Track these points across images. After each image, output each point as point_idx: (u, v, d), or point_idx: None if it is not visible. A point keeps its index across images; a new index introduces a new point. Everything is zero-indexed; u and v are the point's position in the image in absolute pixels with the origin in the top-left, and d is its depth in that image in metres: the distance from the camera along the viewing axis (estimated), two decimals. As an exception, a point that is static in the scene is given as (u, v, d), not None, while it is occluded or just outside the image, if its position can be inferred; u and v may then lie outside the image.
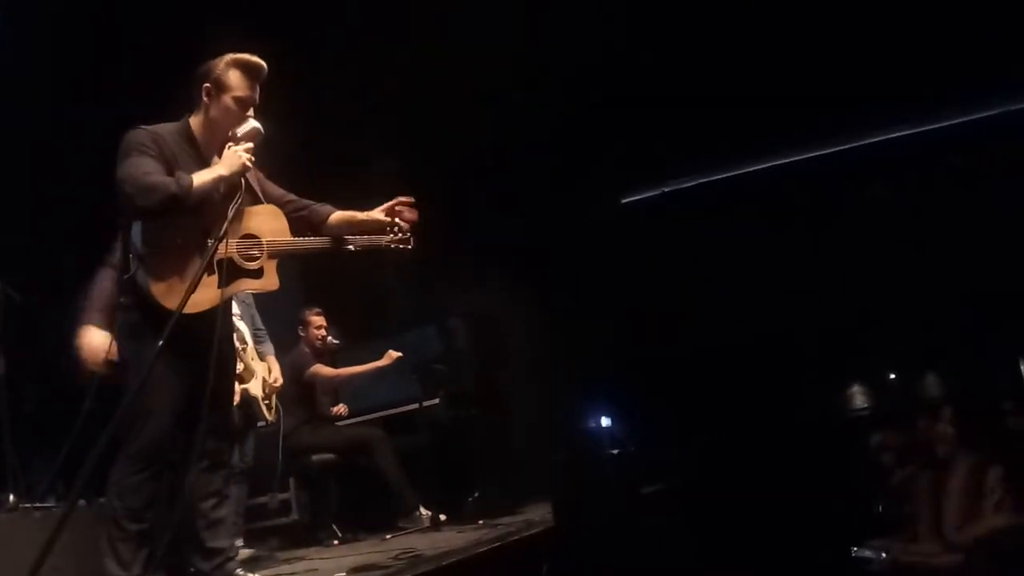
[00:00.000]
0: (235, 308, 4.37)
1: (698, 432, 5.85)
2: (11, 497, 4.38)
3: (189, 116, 3.06)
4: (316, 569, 3.85)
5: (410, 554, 3.71)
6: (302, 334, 5.36)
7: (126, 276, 2.91)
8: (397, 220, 3.27)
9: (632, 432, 5.31)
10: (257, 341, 4.55)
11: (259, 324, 4.61)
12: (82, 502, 4.06)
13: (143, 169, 2.83)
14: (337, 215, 3.24)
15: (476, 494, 5.30)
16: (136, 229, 2.89)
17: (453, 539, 4.32)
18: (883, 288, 6.21)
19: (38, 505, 4.42)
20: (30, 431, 5.02)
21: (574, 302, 6.33)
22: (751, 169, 6.96)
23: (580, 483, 4.54)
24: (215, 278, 2.89)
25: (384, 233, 3.26)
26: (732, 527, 4.78)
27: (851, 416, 6.53)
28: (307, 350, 5.32)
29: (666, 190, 7.19)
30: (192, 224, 2.88)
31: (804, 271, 6.36)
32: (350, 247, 3.26)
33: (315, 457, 5.15)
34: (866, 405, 6.62)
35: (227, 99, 2.98)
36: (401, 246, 3.31)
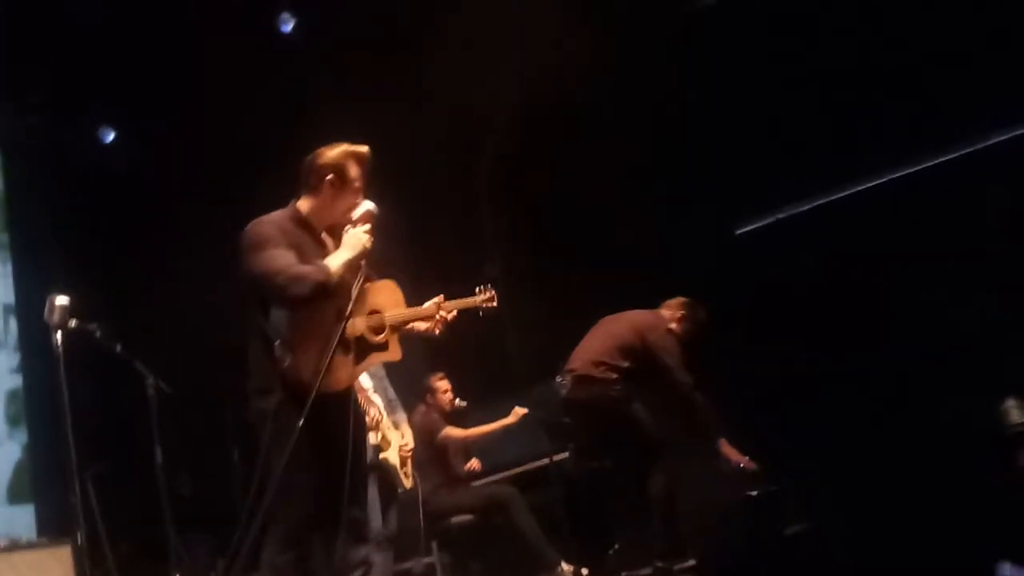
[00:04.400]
0: (368, 382, 4.57)
1: (841, 464, 5.64)
2: (176, 576, 4.65)
3: (295, 201, 3.21)
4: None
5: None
6: (430, 401, 5.51)
7: (273, 363, 2.99)
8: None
9: (769, 471, 5.18)
10: (390, 411, 4.71)
11: (391, 395, 4.77)
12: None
13: (287, 260, 2.99)
14: None
15: (616, 547, 5.26)
16: (279, 317, 3.01)
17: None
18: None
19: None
20: (188, 513, 5.33)
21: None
22: (871, 184, 6.76)
23: (719, 528, 4.45)
24: (351, 356, 3.03)
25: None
26: (883, 564, 4.57)
27: (1008, 433, 6.12)
28: (436, 415, 5.45)
29: (780, 216, 7.05)
30: (329, 307, 3.01)
31: (940, 282, 6.09)
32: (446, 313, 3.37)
33: (454, 519, 5.25)
34: (1022, 421, 6.20)
35: (348, 189, 3.16)
36: (488, 304, 3.55)
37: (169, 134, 6.23)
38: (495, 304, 3.55)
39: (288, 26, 6.16)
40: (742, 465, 4.75)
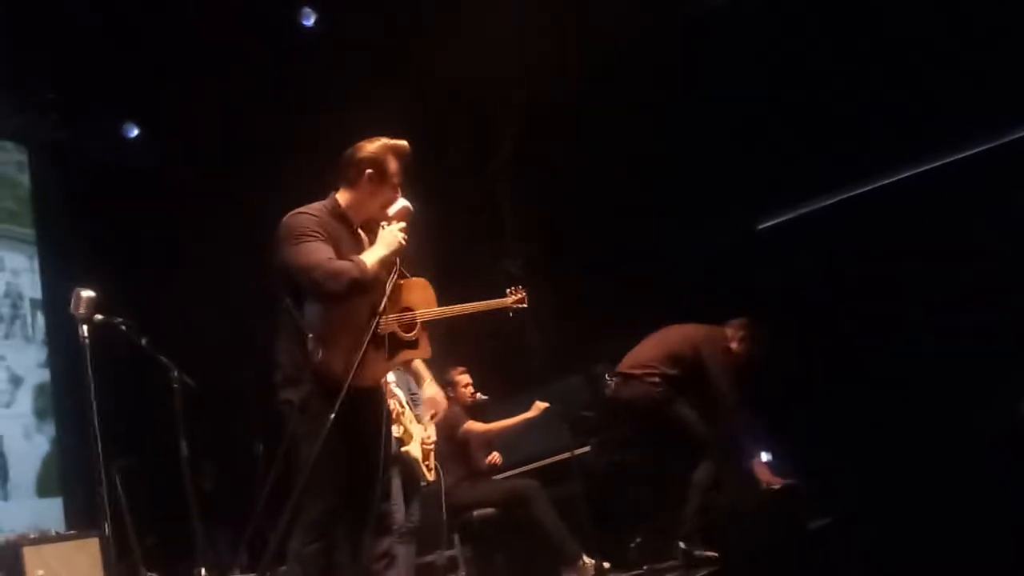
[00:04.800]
0: (390, 376, 4.59)
1: (864, 458, 5.61)
2: (202, 571, 4.68)
3: (335, 193, 3.22)
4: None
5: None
6: (451, 395, 5.51)
7: (304, 358, 3.02)
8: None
9: (792, 464, 5.17)
10: (413, 405, 4.74)
11: (413, 389, 4.79)
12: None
13: (325, 254, 3.01)
14: None
15: (638, 540, 5.27)
16: (313, 311, 3.03)
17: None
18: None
19: (228, 578, 4.72)
20: (212, 507, 5.37)
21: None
22: (892, 180, 6.71)
23: (743, 522, 4.45)
24: (383, 352, 3.06)
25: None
26: (906, 558, 4.55)
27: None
28: (458, 409, 5.47)
29: (803, 211, 7.02)
30: (363, 303, 3.04)
31: (960, 277, 6.04)
32: (477, 311, 3.50)
33: (476, 513, 5.27)
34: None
35: (387, 184, 3.19)
36: (519, 305, 3.63)
37: (192, 130, 6.28)
38: (526, 305, 3.60)
39: (310, 20, 6.20)
40: (774, 486, 4.84)
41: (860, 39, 6.03)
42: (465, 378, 5.54)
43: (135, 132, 6.50)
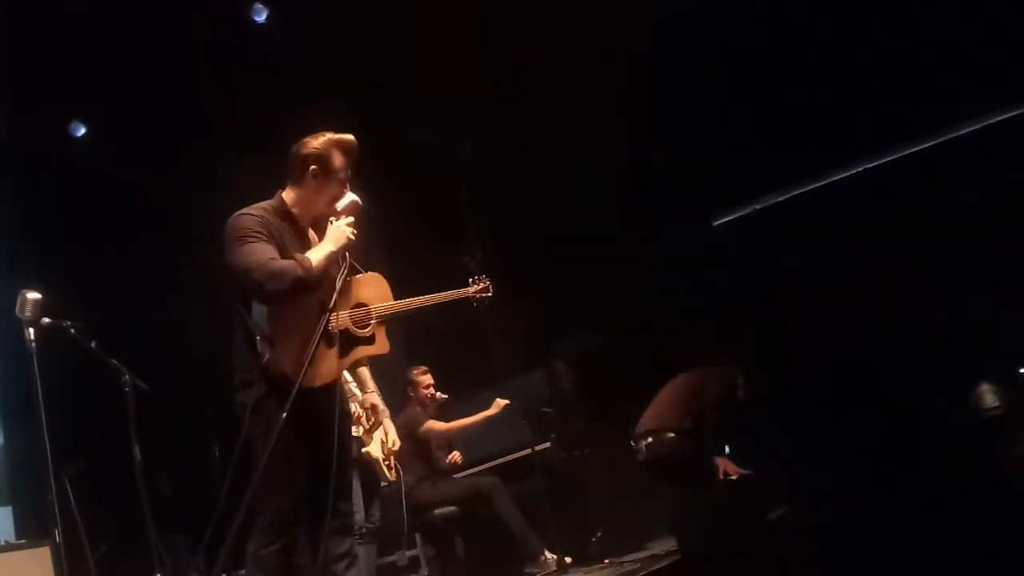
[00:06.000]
0: (348, 375, 4.54)
1: (822, 450, 5.68)
2: (158, 577, 4.59)
3: (281, 191, 3.17)
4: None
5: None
6: (411, 394, 5.49)
7: (255, 359, 2.99)
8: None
9: (749, 456, 5.23)
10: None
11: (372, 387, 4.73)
12: (224, 576, 4.25)
13: (267, 255, 2.95)
14: None
15: (599, 533, 5.28)
16: (260, 312, 2.99)
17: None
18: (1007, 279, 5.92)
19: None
20: (168, 512, 5.27)
21: (675, 331, 6.29)
22: (852, 172, 6.80)
23: (701, 513, 4.49)
24: (335, 350, 3.01)
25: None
26: (866, 548, 4.61)
27: (983, 418, 6.17)
28: (418, 408, 5.44)
29: (757, 207, 7.08)
30: (312, 301, 2.99)
31: (916, 271, 6.14)
32: (439, 302, 3.42)
33: (437, 511, 5.25)
34: (997, 404, 6.25)
35: (332, 180, 3.12)
36: (483, 295, 3.60)
37: (141, 128, 6.17)
38: (490, 294, 3.56)
39: (261, 16, 6.11)
40: (732, 477, 4.92)
41: (815, 37, 6.11)
42: (426, 378, 5.51)
43: (82, 131, 6.37)
